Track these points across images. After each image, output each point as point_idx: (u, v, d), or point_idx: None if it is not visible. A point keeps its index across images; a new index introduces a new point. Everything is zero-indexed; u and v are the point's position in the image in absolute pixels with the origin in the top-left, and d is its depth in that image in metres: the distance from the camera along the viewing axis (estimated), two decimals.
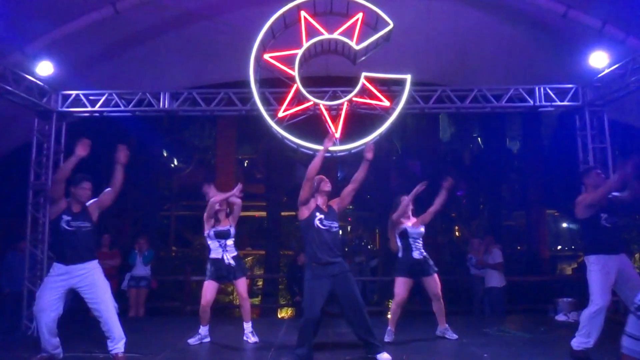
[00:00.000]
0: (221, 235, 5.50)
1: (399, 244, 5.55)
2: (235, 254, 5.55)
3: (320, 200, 4.72)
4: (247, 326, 5.57)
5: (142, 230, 10.97)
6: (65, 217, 4.43)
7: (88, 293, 4.35)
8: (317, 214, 4.61)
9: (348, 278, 4.56)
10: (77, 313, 6.98)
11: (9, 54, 6.49)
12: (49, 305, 4.24)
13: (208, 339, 5.57)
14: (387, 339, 5.39)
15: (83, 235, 4.44)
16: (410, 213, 5.61)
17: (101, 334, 4.43)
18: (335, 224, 4.68)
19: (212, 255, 5.51)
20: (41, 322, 4.27)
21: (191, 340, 5.46)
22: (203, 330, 5.53)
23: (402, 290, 5.42)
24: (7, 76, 6.28)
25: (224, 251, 5.47)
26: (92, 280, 4.37)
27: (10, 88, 6.33)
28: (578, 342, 4.38)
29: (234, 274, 5.47)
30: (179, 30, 7.90)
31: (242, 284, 5.52)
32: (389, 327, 5.48)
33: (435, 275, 5.51)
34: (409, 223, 5.53)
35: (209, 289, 5.42)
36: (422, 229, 5.56)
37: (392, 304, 5.64)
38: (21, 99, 6.68)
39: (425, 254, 5.52)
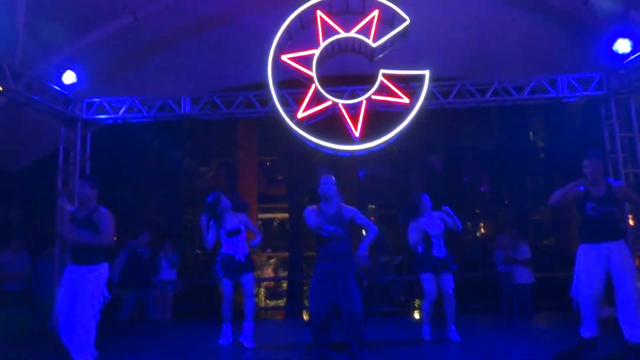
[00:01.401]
0: (232, 234, 5.49)
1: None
2: (247, 251, 5.53)
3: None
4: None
5: (166, 234, 11.13)
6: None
7: None
8: None
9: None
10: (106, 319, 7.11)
11: (35, 64, 6.67)
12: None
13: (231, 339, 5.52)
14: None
15: None
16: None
17: (131, 339, 4.47)
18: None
19: (224, 250, 5.49)
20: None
21: (222, 341, 5.44)
22: (227, 328, 5.50)
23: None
24: (34, 87, 6.46)
25: (236, 248, 5.45)
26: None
27: (36, 98, 6.51)
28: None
29: (244, 269, 5.44)
30: (197, 35, 8.00)
31: (249, 279, 5.48)
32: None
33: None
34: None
35: (229, 286, 5.42)
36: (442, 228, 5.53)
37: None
38: (47, 108, 6.86)
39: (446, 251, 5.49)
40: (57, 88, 6.85)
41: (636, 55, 6.35)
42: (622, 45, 6.41)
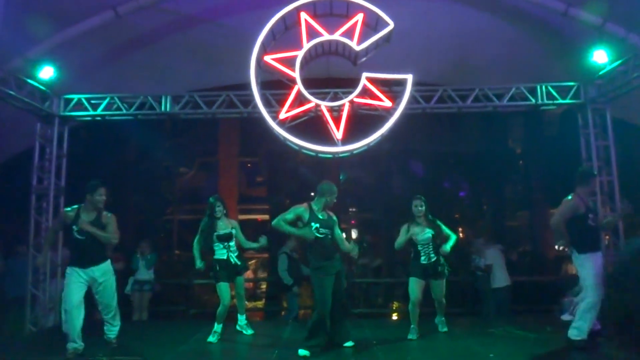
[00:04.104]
0: (223, 239, 5.71)
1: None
2: (237, 252, 5.88)
3: None
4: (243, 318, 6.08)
5: (145, 234, 10.97)
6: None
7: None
8: None
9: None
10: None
11: (11, 59, 6.51)
12: None
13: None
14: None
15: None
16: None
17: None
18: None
19: (217, 256, 5.70)
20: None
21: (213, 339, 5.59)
22: (219, 328, 5.68)
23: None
24: (10, 81, 6.30)
25: (229, 252, 5.71)
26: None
27: (12, 93, 6.35)
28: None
29: (239, 271, 5.84)
30: (180, 33, 7.90)
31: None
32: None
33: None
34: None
35: (227, 290, 5.64)
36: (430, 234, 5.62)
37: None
38: (24, 104, 6.70)
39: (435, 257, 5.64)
40: (35, 83, 6.70)
41: (613, 65, 6.51)
42: (600, 56, 6.57)
